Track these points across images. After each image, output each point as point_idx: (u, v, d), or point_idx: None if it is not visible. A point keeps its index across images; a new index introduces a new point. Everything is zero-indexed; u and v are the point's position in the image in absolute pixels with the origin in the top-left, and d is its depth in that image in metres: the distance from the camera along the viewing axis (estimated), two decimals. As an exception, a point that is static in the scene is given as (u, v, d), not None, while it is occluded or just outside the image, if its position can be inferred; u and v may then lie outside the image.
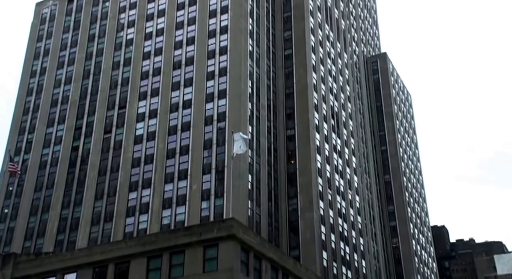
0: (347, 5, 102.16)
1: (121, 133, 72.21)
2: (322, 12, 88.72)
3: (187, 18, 78.30)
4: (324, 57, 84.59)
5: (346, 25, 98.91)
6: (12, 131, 79.20)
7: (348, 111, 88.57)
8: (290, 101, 75.88)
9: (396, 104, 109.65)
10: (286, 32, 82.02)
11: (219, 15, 76.14)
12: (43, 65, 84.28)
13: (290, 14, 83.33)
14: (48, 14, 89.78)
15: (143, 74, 76.26)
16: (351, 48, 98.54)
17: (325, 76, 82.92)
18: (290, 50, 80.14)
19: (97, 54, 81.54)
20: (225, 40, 73.58)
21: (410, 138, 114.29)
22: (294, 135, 73.25)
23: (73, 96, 79.00)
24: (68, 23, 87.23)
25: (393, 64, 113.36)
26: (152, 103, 72.97)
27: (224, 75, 70.66)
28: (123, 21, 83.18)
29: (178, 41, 76.85)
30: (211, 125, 67.50)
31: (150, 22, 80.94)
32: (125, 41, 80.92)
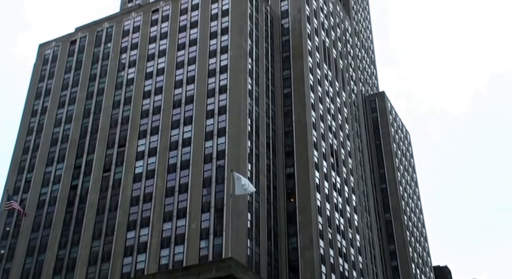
0: (345, 45, 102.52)
1: (120, 171, 71.11)
2: (321, 52, 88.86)
3: (188, 58, 78.31)
4: (323, 96, 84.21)
5: (344, 64, 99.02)
6: (11, 171, 78.05)
7: (348, 149, 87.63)
8: (289, 139, 75.06)
9: (395, 142, 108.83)
10: (285, 71, 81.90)
11: (219, 55, 76.16)
12: (44, 104, 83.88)
13: (289, 54, 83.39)
14: (50, 55, 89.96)
15: (143, 112, 75.70)
16: (349, 87, 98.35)
17: (324, 115, 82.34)
18: (289, 88, 79.83)
19: (98, 93, 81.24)
20: (224, 79, 73.35)
21: (409, 176, 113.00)
22: (293, 173, 72.11)
23: (73, 135, 78.22)
24: (70, 64, 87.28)
25: (391, 102, 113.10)
26: (151, 141, 72.14)
27: (224, 113, 70.06)
28: (124, 61, 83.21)
29: (178, 80, 76.63)
30: (210, 163, 66.46)
31: (151, 62, 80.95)
32: (126, 80, 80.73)
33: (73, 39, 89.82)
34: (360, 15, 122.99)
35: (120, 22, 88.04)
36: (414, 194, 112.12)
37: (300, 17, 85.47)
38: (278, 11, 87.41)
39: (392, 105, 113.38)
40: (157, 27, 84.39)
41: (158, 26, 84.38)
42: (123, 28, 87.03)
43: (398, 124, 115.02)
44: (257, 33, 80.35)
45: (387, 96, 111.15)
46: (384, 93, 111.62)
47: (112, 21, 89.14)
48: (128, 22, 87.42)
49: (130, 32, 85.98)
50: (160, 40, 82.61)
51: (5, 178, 76.98)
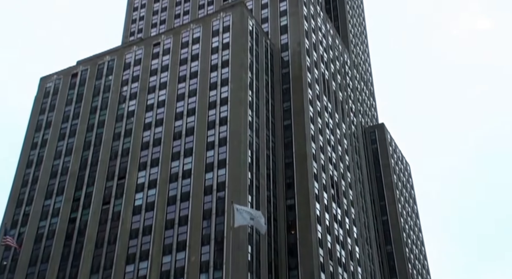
0: (344, 78, 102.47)
1: (120, 203, 69.89)
2: (320, 84, 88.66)
3: (188, 90, 78.04)
4: (323, 127, 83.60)
5: (344, 96, 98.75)
6: (9, 204, 76.70)
7: (348, 181, 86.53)
8: (289, 171, 74.07)
9: (395, 173, 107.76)
10: (285, 103, 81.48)
11: (219, 87, 75.88)
12: (44, 137, 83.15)
13: (289, 86, 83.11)
14: (52, 88, 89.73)
15: (143, 144, 74.94)
16: (349, 119, 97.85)
17: (324, 146, 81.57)
18: (289, 120, 79.24)
19: (98, 125, 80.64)
20: (225, 111, 72.88)
21: (410, 208, 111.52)
22: (294, 204, 70.89)
23: (73, 167, 77.25)
24: (71, 96, 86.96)
25: (390, 134, 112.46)
26: (151, 173, 71.16)
27: (224, 145, 69.32)
28: (125, 94, 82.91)
29: (179, 112, 76.14)
30: (210, 195, 65.36)
31: (152, 94, 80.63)
32: (126, 112, 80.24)
33: (75, 72, 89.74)
34: (359, 48, 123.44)
35: (122, 55, 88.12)
36: (415, 226, 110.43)
37: (300, 50, 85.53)
38: (278, 44, 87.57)
39: (391, 137, 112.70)
40: (158, 60, 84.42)
41: (159, 59, 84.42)
42: (124, 61, 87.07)
43: (398, 156, 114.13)
44: (257, 65, 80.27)
45: (386, 128, 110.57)
46: (384, 125, 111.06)
47: (113, 54, 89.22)
48: (130, 55, 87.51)
49: (132, 65, 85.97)
50: (161, 73, 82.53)
51: (3, 212, 75.75)
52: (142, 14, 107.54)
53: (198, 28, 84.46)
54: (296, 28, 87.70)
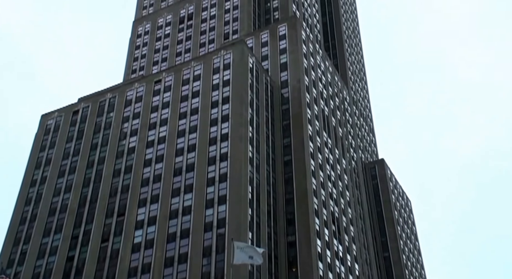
0: (343, 114, 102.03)
1: (119, 241, 68.18)
2: (320, 120, 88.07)
3: (189, 126, 77.32)
4: (323, 163, 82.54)
5: (344, 132, 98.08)
6: (7, 242, 74.85)
7: (349, 217, 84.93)
8: (290, 207, 72.62)
9: (396, 209, 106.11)
10: (285, 139, 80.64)
11: (220, 123, 75.19)
12: (43, 174, 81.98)
13: (289, 122, 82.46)
14: (52, 125, 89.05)
15: (143, 181, 73.73)
16: (349, 154, 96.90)
17: (325, 182, 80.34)
18: (289, 156, 78.23)
19: (98, 162, 79.59)
20: (225, 147, 71.96)
21: (412, 244, 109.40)
22: (295, 241, 69.16)
23: (72, 204, 75.78)
24: (71, 133, 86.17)
25: (391, 170, 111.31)
26: (151, 210, 69.72)
27: (224, 181, 68.12)
28: (126, 130, 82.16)
29: (180, 148, 75.21)
30: (210, 232, 63.78)
31: (153, 131, 79.87)
32: (127, 149, 79.32)
33: (76, 109, 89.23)
34: (358, 85, 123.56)
35: (123, 92, 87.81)
36: (417, 263, 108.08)
37: (300, 87, 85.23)
38: (278, 81, 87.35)
39: (392, 172, 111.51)
40: (159, 96, 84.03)
41: (160, 95, 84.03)
42: (125, 98, 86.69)
43: (398, 191, 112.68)
44: (258, 102, 79.82)
45: (386, 164, 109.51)
46: (384, 160, 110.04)
47: (115, 92, 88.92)
48: (131, 92, 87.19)
49: (133, 102, 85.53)
50: (162, 110, 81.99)
51: (0, 250, 73.75)
52: (144, 52, 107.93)
53: (199, 65, 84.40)
54: (295, 65, 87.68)
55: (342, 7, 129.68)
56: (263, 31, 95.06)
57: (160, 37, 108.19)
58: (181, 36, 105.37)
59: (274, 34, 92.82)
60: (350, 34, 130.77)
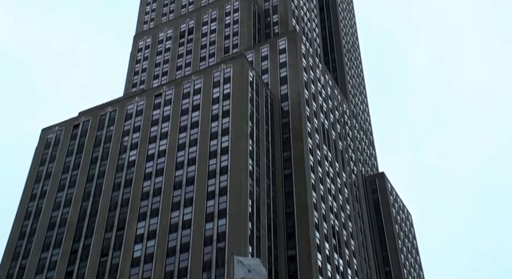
0: (343, 127, 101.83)
1: (118, 255, 67.52)
2: (320, 133, 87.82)
3: (189, 140, 77.04)
4: (323, 177, 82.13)
5: (344, 145, 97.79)
6: (5, 257, 74.12)
7: (349, 230, 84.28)
8: (290, 221, 72.05)
9: (397, 223, 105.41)
10: (285, 152, 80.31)
11: (220, 136, 74.93)
12: (43, 188, 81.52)
13: (289, 136, 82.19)
14: (53, 139, 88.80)
15: (143, 194, 73.27)
16: (349, 168, 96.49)
17: (325, 195, 79.86)
18: (289, 169, 77.84)
19: (98, 176, 79.19)
20: (225, 160, 71.62)
21: (413, 258, 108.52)
22: (295, 255, 68.50)
23: (72, 218, 75.22)
24: (72, 147, 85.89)
25: (391, 183, 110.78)
26: (151, 224, 69.15)
27: (225, 194, 67.66)
28: (126, 144, 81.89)
29: (180, 162, 74.85)
30: (210, 246, 63.19)
31: (153, 144, 79.58)
32: (127, 162, 78.97)
33: (76, 123, 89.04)
34: (358, 99, 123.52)
35: (124, 106, 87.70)
36: (418, 277, 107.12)
37: (300, 101, 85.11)
38: (278, 95, 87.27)
39: (392, 186, 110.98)
40: (159, 110, 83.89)
41: (160, 109, 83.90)
42: (126, 111, 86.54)
43: (399, 205, 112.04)
44: (258, 115, 79.64)
45: (387, 177, 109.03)
46: (384, 174, 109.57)
47: (115, 106, 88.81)
48: (131, 106, 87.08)
49: (133, 116, 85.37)
50: (162, 123, 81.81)
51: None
52: (145, 66, 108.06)
53: (199, 79, 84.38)
54: (295, 79, 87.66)
55: (341, 21, 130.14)
56: (263, 45, 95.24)
57: (160, 51, 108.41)
58: (181, 50, 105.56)
59: (274, 48, 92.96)
60: (350, 48, 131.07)
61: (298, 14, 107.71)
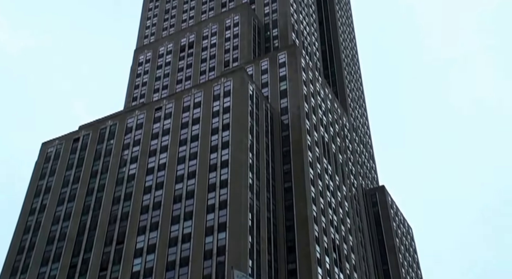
0: (343, 140, 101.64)
1: (118, 270, 66.93)
2: (320, 146, 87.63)
3: (189, 153, 76.85)
4: (324, 190, 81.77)
5: (344, 159, 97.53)
6: (4, 272, 73.28)
7: (350, 244, 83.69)
8: (290, 234, 71.55)
9: (397, 237, 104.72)
10: (285, 165, 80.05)
11: (220, 150, 74.75)
12: (43, 202, 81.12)
13: (289, 149, 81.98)
14: (53, 153, 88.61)
15: (143, 208, 72.87)
16: (349, 181, 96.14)
17: (325, 209, 79.43)
18: (289, 183, 77.52)
19: (98, 189, 78.87)
20: (225, 173, 71.32)
21: (414, 273, 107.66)
22: (295, 269, 67.88)
23: (71, 233, 74.71)
24: (72, 161, 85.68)
25: (391, 197, 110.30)
26: (151, 238, 68.67)
27: (224, 208, 67.27)
28: (126, 158, 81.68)
29: (179, 175, 74.57)
30: (210, 260, 62.66)
31: (153, 158, 79.37)
32: (127, 176, 78.68)
33: (76, 137, 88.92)
34: (358, 112, 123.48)
35: (124, 119, 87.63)
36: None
37: (299, 114, 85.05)
38: (278, 108, 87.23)
39: (392, 200, 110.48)
40: (159, 124, 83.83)
41: (160, 123, 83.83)
42: (126, 125, 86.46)
43: (400, 219, 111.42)
44: (258, 128, 79.52)
45: (387, 190, 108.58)
46: (384, 187, 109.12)
47: (115, 119, 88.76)
48: (132, 119, 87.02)
49: (133, 129, 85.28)
50: (162, 137, 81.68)
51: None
52: (145, 80, 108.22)
53: (200, 92, 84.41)
54: (295, 92, 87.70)
55: (341, 35, 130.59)
56: (263, 58, 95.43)
57: (161, 65, 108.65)
58: (181, 64, 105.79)
59: (274, 61, 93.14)
60: (349, 61, 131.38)
61: (298, 28, 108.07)
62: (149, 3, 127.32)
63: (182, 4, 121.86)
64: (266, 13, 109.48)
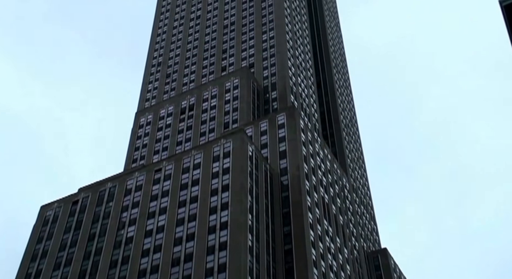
0: (344, 202, 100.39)
1: None
2: (320, 208, 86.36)
3: (188, 215, 75.56)
4: (325, 252, 79.83)
5: (345, 220, 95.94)
6: None
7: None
8: (292, 298, 69.29)
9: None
10: (285, 227, 78.52)
11: (219, 211, 73.52)
12: (39, 267, 78.96)
13: (289, 210, 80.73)
14: (51, 216, 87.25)
15: (140, 272, 70.76)
16: (351, 243, 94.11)
17: (327, 272, 77.20)
18: (290, 245, 75.72)
19: (95, 253, 76.97)
20: (225, 236, 69.79)
21: None
22: None
23: (66, 298, 72.48)
24: (70, 224, 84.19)
25: (394, 260, 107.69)
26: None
27: (224, 271, 65.29)
28: (124, 220, 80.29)
29: (178, 238, 72.95)
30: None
31: (151, 220, 78.01)
32: (125, 239, 77.03)
33: (75, 200, 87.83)
34: (357, 173, 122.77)
35: (123, 181, 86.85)
36: None
37: (299, 175, 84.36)
38: (278, 169, 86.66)
39: (395, 263, 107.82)
40: (159, 185, 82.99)
41: (160, 184, 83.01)
42: (125, 187, 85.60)
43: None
44: (257, 189, 78.61)
45: (389, 253, 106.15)
46: (387, 250, 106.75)
47: (115, 181, 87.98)
48: (131, 181, 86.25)
49: (132, 191, 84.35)
50: (161, 198, 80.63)
51: None
52: (145, 142, 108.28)
53: (199, 154, 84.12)
54: (294, 153, 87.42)
55: (338, 97, 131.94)
56: (262, 120, 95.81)
57: (161, 127, 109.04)
58: (182, 126, 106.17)
59: (273, 123, 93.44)
60: (348, 122, 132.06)
61: (296, 90, 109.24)
62: (151, 67, 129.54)
63: (183, 68, 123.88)
64: (265, 76, 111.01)
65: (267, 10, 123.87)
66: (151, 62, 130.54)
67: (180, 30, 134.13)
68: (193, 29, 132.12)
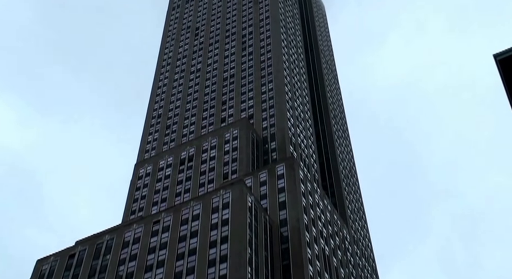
0: (344, 254, 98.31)
1: None
2: (321, 260, 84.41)
3: (186, 267, 73.66)
4: (327, 306, 77.46)
5: (346, 273, 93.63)
6: None
7: None
8: None
9: None
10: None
11: (218, 264, 71.75)
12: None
13: (288, 262, 78.85)
14: (47, 270, 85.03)
15: (136, 328, 68.43)
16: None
17: (329, 327, 74.64)
18: (291, 299, 73.62)
19: (90, 308, 74.68)
20: (223, 290, 67.86)
21: None
22: None
23: None
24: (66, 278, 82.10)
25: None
26: None
27: (222, 327, 63.09)
28: (121, 273, 78.26)
29: (176, 293, 70.90)
30: None
31: (149, 273, 76.02)
32: (121, 293, 74.90)
33: (72, 253, 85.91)
34: (358, 224, 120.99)
35: (121, 233, 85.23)
36: None
37: (299, 226, 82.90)
38: (277, 220, 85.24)
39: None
40: (157, 237, 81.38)
41: (158, 236, 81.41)
42: (123, 239, 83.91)
43: None
44: (257, 241, 77.03)
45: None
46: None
47: (113, 233, 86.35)
48: (129, 233, 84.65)
49: (130, 243, 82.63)
50: (159, 251, 78.88)
51: None
52: (144, 193, 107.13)
53: (198, 205, 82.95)
54: (294, 204, 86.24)
55: (337, 148, 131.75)
56: (262, 170, 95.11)
57: (160, 178, 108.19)
58: (181, 177, 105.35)
59: (272, 173, 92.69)
60: (347, 173, 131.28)
61: (296, 141, 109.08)
62: (151, 119, 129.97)
63: (183, 120, 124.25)
64: (264, 127, 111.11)
65: (266, 62, 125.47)
66: (151, 114, 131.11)
67: (180, 83, 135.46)
68: (193, 81, 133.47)
